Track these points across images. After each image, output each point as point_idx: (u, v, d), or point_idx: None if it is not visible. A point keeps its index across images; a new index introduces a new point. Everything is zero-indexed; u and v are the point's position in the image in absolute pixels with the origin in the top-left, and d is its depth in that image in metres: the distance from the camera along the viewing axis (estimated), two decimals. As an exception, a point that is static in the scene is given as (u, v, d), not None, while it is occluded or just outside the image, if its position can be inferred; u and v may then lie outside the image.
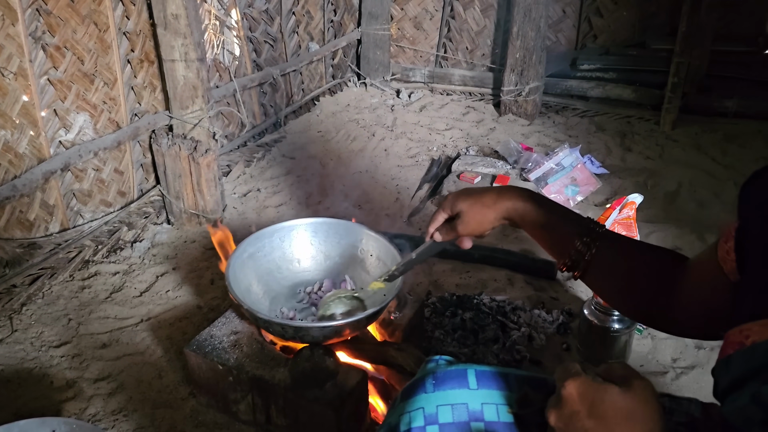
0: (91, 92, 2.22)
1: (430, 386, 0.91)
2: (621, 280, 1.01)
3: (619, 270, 1.01)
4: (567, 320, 2.05)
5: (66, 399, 1.72)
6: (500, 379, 0.92)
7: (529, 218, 1.06)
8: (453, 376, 0.92)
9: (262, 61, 3.29)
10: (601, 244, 1.00)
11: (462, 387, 0.91)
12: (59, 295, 2.15)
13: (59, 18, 2.04)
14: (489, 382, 0.92)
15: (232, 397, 1.58)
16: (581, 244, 1.00)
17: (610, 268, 1.01)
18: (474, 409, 0.89)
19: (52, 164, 2.09)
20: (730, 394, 0.66)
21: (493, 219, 1.09)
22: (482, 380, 0.92)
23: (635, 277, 0.99)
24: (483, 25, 3.94)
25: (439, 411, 0.89)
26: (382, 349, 1.56)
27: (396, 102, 4.03)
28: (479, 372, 0.93)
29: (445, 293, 2.15)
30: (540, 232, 1.06)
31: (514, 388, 0.92)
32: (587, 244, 1.00)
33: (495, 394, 0.91)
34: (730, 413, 0.65)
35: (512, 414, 0.89)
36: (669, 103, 3.48)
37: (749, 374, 0.64)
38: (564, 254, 1.03)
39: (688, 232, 2.56)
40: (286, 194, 2.92)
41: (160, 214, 2.61)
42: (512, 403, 0.90)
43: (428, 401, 0.90)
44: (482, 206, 1.10)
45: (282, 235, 1.78)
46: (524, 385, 0.92)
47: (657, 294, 0.96)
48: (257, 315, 1.45)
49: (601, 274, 1.02)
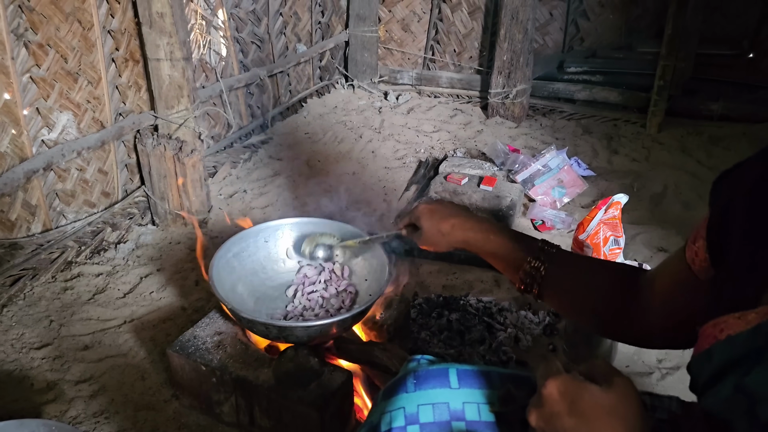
0: (74, 91, 2.20)
1: (411, 385, 0.90)
2: (578, 296, 1.05)
3: (574, 286, 1.05)
4: (553, 321, 2.05)
5: (46, 401, 1.69)
6: (482, 378, 0.92)
7: (481, 248, 1.14)
8: (434, 375, 0.91)
9: (249, 62, 3.27)
10: (553, 263, 1.04)
11: (443, 386, 0.90)
12: (41, 296, 2.12)
13: (42, 15, 2.02)
14: (470, 381, 0.91)
15: (216, 398, 1.56)
16: (532, 264, 1.05)
17: (564, 285, 1.05)
18: (455, 408, 0.88)
19: (34, 163, 2.06)
20: (711, 388, 0.66)
21: (446, 246, 1.19)
22: (463, 379, 0.91)
23: (592, 293, 1.03)
24: (471, 27, 3.95)
25: (420, 410, 0.88)
26: (367, 349, 1.54)
27: (384, 104, 4.02)
28: (461, 371, 0.92)
29: (432, 294, 2.14)
30: (493, 259, 1.14)
31: (497, 386, 0.91)
32: (537, 265, 1.05)
33: (476, 393, 0.90)
34: (713, 405, 0.65)
35: (494, 413, 0.88)
36: (655, 106, 3.49)
37: (730, 366, 0.64)
38: (518, 276, 1.08)
39: (674, 233, 2.57)
40: (272, 195, 2.90)
41: (144, 215, 2.59)
42: (494, 402, 0.89)
43: (409, 401, 0.89)
44: (438, 232, 1.20)
45: (267, 235, 1.76)
46: (507, 383, 0.91)
47: (619, 309, 0.99)
48: (241, 315, 1.43)
49: (556, 291, 1.06)
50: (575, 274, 1.06)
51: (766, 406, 0.60)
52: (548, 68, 3.80)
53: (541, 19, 3.79)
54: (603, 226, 2.04)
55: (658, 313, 0.94)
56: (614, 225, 2.05)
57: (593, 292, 1.03)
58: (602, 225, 2.04)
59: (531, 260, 1.05)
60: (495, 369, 0.94)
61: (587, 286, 1.04)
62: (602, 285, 1.03)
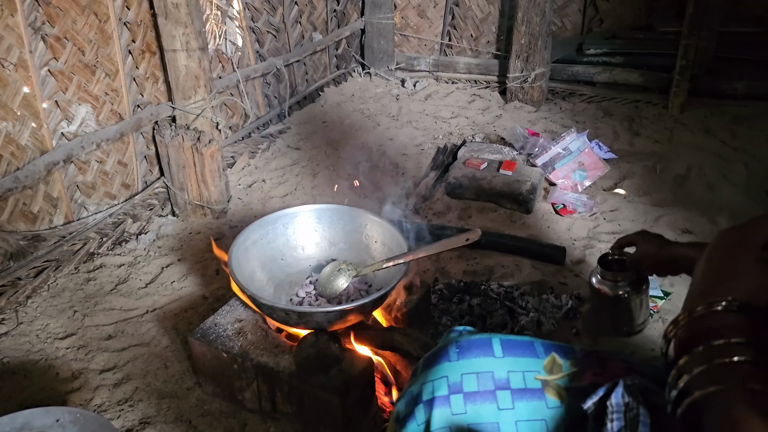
0: (92, 83, 2.21)
1: (454, 354, 0.89)
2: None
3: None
4: (576, 305, 2.03)
5: (71, 390, 1.71)
6: (526, 347, 0.90)
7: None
8: (477, 344, 0.90)
9: (265, 51, 3.26)
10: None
11: (487, 355, 0.88)
12: (64, 287, 2.14)
13: (59, 8, 2.03)
14: (515, 350, 0.89)
15: (237, 385, 1.56)
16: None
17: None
18: (500, 377, 0.87)
19: (54, 156, 2.08)
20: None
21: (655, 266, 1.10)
22: (507, 348, 0.89)
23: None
24: (487, 11, 3.90)
25: (464, 379, 0.86)
26: (388, 334, 1.53)
27: (401, 91, 4.00)
28: (504, 340, 0.90)
29: (452, 280, 2.13)
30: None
31: (541, 355, 0.89)
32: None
33: (521, 362, 0.88)
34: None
35: (540, 380, 0.87)
36: (677, 87, 3.43)
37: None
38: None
39: (698, 215, 2.52)
40: (291, 184, 2.90)
41: (164, 206, 2.60)
42: (540, 369, 0.88)
43: (452, 370, 0.87)
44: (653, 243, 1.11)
45: (285, 222, 1.76)
46: (551, 352, 0.90)
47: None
48: (261, 301, 1.43)
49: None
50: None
51: None
52: (567, 51, 3.74)
53: (559, 1, 3.73)
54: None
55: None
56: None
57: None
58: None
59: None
60: (537, 339, 0.92)
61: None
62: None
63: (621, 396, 0.80)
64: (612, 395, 0.81)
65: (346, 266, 1.63)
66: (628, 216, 2.57)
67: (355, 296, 1.65)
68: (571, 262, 2.28)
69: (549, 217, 2.59)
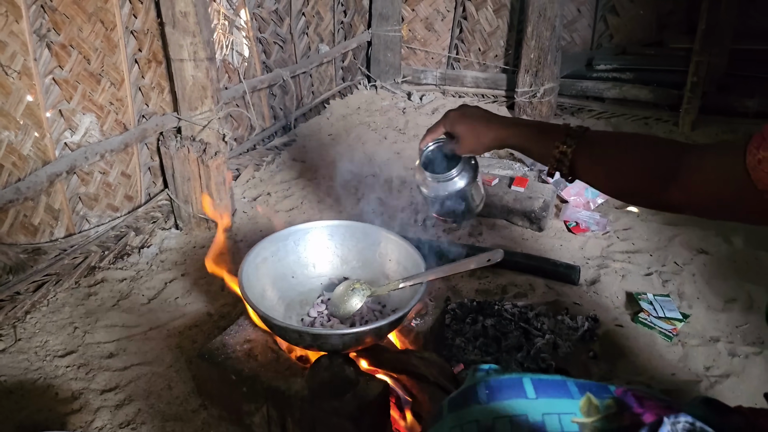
0: (97, 93, 2.15)
1: (484, 396, 0.83)
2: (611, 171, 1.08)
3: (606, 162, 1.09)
4: (592, 327, 1.97)
5: (71, 411, 1.64)
6: (559, 387, 0.84)
7: (514, 144, 1.22)
8: (508, 384, 0.83)
9: (271, 62, 3.22)
10: (582, 142, 1.10)
11: (519, 396, 0.82)
12: (64, 302, 2.07)
13: (65, 15, 1.97)
14: (548, 390, 0.83)
15: (246, 409, 1.50)
16: (559, 149, 1.11)
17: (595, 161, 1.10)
18: (535, 420, 0.80)
19: (57, 166, 2.02)
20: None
21: (483, 148, 1.28)
22: (540, 388, 0.83)
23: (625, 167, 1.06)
24: (496, 25, 3.87)
25: (496, 424, 0.80)
26: (404, 357, 1.47)
27: (407, 104, 3.96)
28: (535, 380, 0.84)
29: (465, 299, 2.07)
30: (527, 152, 1.21)
31: (576, 395, 0.83)
32: (565, 149, 1.11)
33: (556, 403, 0.82)
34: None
35: (577, 423, 0.81)
36: (688, 104, 3.40)
37: None
38: (549, 158, 1.14)
39: (713, 234, 2.47)
40: (297, 198, 2.84)
41: (168, 219, 2.54)
42: (576, 411, 0.82)
43: (483, 413, 0.81)
44: (475, 136, 1.27)
45: (297, 238, 1.69)
46: (586, 392, 0.84)
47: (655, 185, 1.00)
48: (273, 322, 1.37)
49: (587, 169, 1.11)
50: (607, 151, 1.10)
51: None
52: (576, 66, 3.71)
53: (568, 16, 3.70)
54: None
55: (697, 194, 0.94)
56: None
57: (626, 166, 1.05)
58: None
59: (558, 145, 1.11)
60: (570, 378, 0.86)
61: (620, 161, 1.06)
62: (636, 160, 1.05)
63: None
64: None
65: (360, 285, 1.57)
66: (642, 235, 2.51)
67: (369, 317, 1.59)
68: (586, 282, 2.22)
69: (561, 235, 2.54)
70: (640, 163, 1.04)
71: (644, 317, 1.99)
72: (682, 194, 0.95)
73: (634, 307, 2.07)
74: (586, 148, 1.10)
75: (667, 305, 2.04)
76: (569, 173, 1.14)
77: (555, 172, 1.15)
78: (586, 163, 1.11)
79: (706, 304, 2.08)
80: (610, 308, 2.08)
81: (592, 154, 1.10)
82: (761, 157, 0.80)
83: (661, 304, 2.04)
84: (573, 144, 1.11)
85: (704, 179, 0.92)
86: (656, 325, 1.96)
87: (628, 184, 1.06)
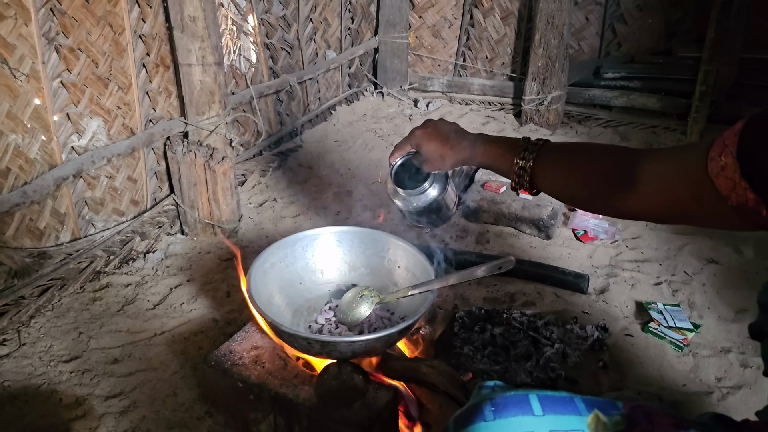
0: (105, 96, 2.14)
1: (490, 414, 0.81)
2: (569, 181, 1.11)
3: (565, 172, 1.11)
4: (602, 336, 1.94)
5: (75, 417, 1.62)
6: (566, 404, 0.82)
7: (479, 162, 1.25)
8: (514, 402, 0.82)
9: (278, 68, 3.21)
10: (541, 155, 1.13)
11: (526, 413, 0.80)
12: (69, 307, 2.06)
13: (74, 19, 1.97)
14: (555, 407, 0.81)
15: (253, 417, 1.47)
16: (519, 164, 1.14)
17: (555, 172, 1.12)
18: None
19: (63, 170, 2.00)
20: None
21: (448, 166, 1.31)
22: (547, 405, 0.82)
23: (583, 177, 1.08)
24: (503, 33, 3.86)
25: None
26: (413, 365, 1.45)
27: (414, 111, 3.95)
28: (542, 397, 0.82)
29: (473, 307, 2.05)
30: (491, 168, 1.24)
31: (583, 412, 0.81)
32: (523, 163, 1.14)
33: (563, 420, 0.80)
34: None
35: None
36: (696, 113, 3.38)
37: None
38: (511, 173, 1.17)
39: (723, 244, 2.45)
40: (303, 204, 2.83)
41: (173, 224, 2.52)
42: (584, 429, 0.80)
43: (489, 431, 0.79)
44: (439, 156, 1.29)
45: (305, 244, 1.68)
46: (594, 409, 0.82)
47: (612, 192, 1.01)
48: (281, 328, 1.35)
49: (547, 181, 1.13)
50: (564, 161, 1.12)
51: None
52: (584, 74, 3.70)
53: (576, 24, 3.69)
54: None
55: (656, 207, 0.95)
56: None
57: (582, 175, 1.08)
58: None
59: (517, 160, 1.14)
60: (577, 395, 0.84)
61: (576, 171, 1.09)
62: (591, 169, 1.07)
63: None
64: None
65: (368, 292, 1.55)
66: (651, 244, 2.49)
67: (378, 324, 1.57)
68: (595, 291, 2.20)
69: (570, 243, 2.51)
70: (594, 171, 1.06)
71: (654, 327, 1.97)
72: (640, 201, 0.96)
73: (644, 317, 2.05)
74: (543, 161, 1.13)
75: (678, 315, 2.02)
76: (531, 187, 1.16)
77: (517, 186, 1.18)
78: (544, 176, 1.13)
79: (717, 315, 2.06)
80: (620, 318, 2.05)
81: (549, 166, 1.13)
82: (724, 164, 0.80)
83: (671, 314, 2.02)
84: (531, 158, 1.13)
85: (663, 185, 0.92)
86: (667, 335, 1.93)
87: (585, 193, 1.08)
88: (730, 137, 0.80)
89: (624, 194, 0.98)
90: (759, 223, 0.82)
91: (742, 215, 0.83)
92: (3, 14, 1.74)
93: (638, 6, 3.60)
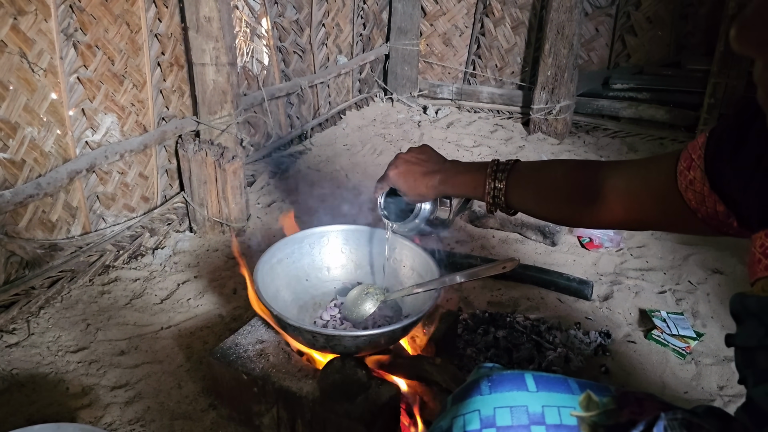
0: (119, 93, 2.18)
1: (486, 388, 0.83)
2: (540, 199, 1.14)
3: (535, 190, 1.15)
4: (605, 341, 1.95)
5: (81, 406, 1.65)
6: (560, 383, 0.85)
7: (456, 192, 1.30)
8: (510, 378, 0.84)
9: (290, 71, 3.25)
10: (511, 176, 1.16)
11: (520, 389, 0.83)
12: (78, 299, 2.09)
13: (92, 16, 2.01)
14: (548, 385, 0.84)
15: (256, 409, 1.49)
16: (491, 187, 1.18)
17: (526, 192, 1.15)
18: (534, 411, 0.81)
19: (77, 164, 2.04)
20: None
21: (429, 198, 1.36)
22: (541, 383, 0.84)
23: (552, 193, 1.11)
24: (513, 42, 3.89)
25: (497, 413, 0.80)
26: (417, 363, 1.47)
27: (423, 118, 3.98)
28: (537, 376, 0.85)
29: (477, 310, 2.06)
30: (468, 195, 1.28)
31: (576, 391, 0.84)
32: (495, 185, 1.17)
33: (556, 397, 0.82)
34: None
35: (576, 417, 0.81)
36: (704, 125, 3.39)
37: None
38: (485, 196, 1.19)
39: (729, 255, 2.46)
40: (311, 206, 2.85)
41: (182, 222, 2.55)
42: (576, 406, 0.82)
43: (484, 403, 0.82)
44: (415, 191, 1.34)
45: (312, 241, 1.70)
46: (586, 389, 0.84)
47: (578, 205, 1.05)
48: (287, 322, 1.37)
49: (520, 200, 1.17)
50: (533, 180, 1.15)
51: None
52: (593, 84, 3.72)
53: (586, 35, 3.72)
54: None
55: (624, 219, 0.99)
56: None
57: (551, 191, 1.11)
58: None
59: (489, 182, 1.17)
60: (570, 378, 0.87)
61: (545, 188, 1.13)
62: (559, 184, 1.10)
63: (663, 429, 0.75)
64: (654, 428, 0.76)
65: (373, 290, 1.57)
66: (656, 253, 2.50)
67: (382, 322, 1.59)
68: (598, 298, 2.21)
69: (575, 250, 2.53)
70: (562, 189, 1.09)
71: (657, 334, 1.98)
72: (608, 214, 0.99)
73: (647, 324, 2.06)
74: (515, 181, 1.15)
75: (681, 323, 2.03)
76: (507, 207, 1.18)
77: (493, 208, 1.20)
78: (518, 195, 1.16)
79: (721, 324, 2.07)
80: (623, 324, 2.06)
81: (522, 186, 1.15)
82: (692, 178, 0.82)
83: (674, 322, 2.03)
84: (503, 178, 1.16)
85: (629, 199, 0.95)
86: (669, 343, 1.94)
87: (556, 209, 1.12)
88: (696, 150, 0.82)
89: (592, 209, 1.01)
90: (728, 233, 0.85)
91: (711, 226, 0.86)
92: (24, 9, 1.77)
93: (648, 18, 3.62)
